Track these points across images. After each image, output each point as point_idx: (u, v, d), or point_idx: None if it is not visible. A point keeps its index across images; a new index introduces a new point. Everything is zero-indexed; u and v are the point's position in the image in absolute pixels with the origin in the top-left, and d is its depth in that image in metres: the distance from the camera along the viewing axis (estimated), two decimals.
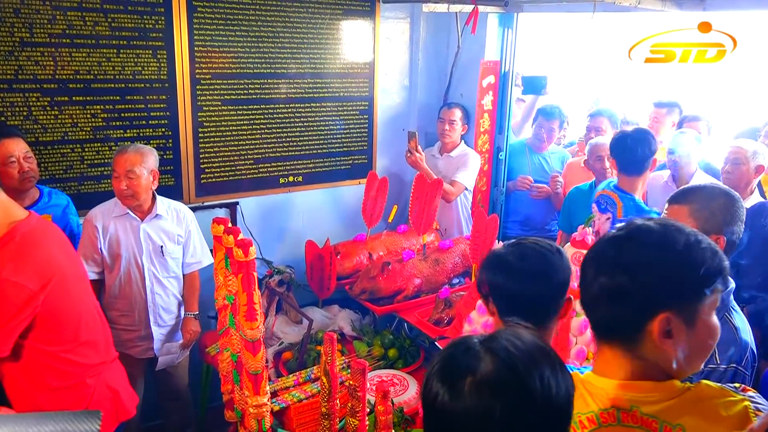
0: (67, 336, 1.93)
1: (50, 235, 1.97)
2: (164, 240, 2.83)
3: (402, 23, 4.03)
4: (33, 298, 1.79)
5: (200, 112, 3.37)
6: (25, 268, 1.80)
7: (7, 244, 1.83)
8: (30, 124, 2.90)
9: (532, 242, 1.69)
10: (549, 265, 1.60)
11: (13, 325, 1.78)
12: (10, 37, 2.80)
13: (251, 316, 2.22)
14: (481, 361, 0.95)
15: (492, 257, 1.72)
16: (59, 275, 1.88)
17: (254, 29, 3.44)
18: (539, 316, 1.60)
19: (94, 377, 2.03)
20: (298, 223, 3.86)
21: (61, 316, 1.90)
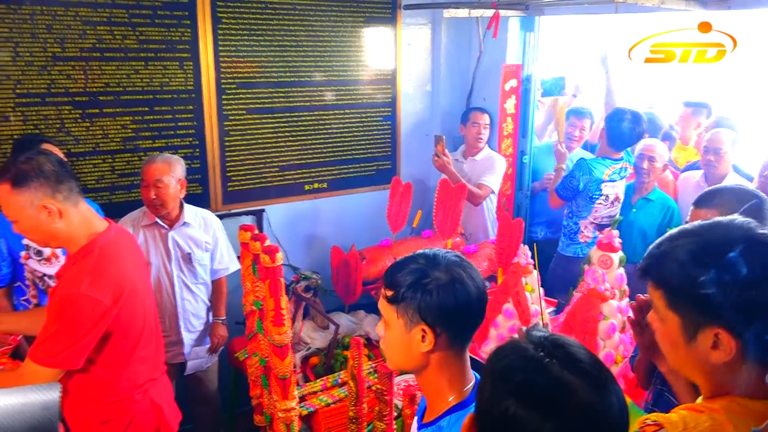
0: (125, 351, 1.94)
1: (126, 248, 1.99)
2: (192, 247, 2.88)
3: (423, 29, 4.05)
4: (107, 313, 1.81)
5: (226, 121, 3.43)
6: (101, 282, 1.81)
7: (85, 257, 1.85)
8: (63, 135, 2.98)
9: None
10: None
11: (87, 340, 1.80)
12: (43, 52, 2.88)
13: (279, 321, 2.26)
14: (570, 380, 0.94)
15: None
16: (130, 290, 1.89)
17: (278, 38, 3.49)
18: None
19: (141, 393, 2.03)
20: (324, 229, 3.89)
21: (124, 331, 1.91)
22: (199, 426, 3.14)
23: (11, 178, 1.77)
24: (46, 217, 1.80)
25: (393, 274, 1.32)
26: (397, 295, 1.29)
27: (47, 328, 1.80)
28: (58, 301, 1.83)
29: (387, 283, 1.33)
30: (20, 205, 1.78)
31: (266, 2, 3.41)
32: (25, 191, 1.77)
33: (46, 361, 1.78)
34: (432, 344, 1.27)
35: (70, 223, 1.85)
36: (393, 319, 1.31)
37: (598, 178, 3.45)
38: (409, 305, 1.27)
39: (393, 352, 1.36)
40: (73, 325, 1.78)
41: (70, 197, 1.85)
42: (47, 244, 1.95)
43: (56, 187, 1.81)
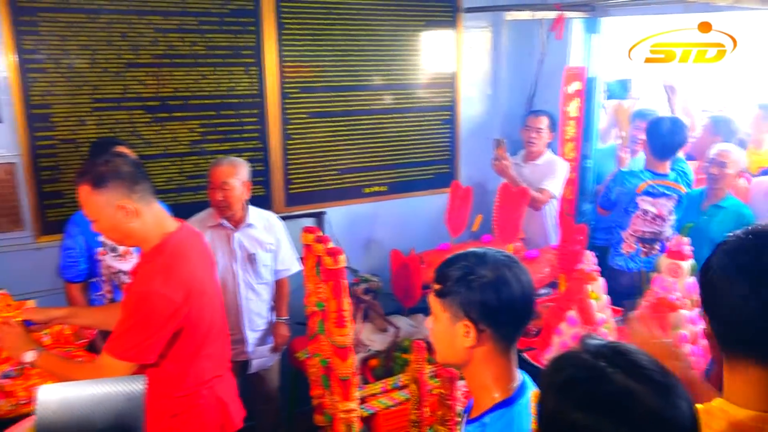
0: (193, 348, 2.00)
1: (195, 247, 2.06)
2: (256, 248, 2.94)
3: (484, 32, 4.03)
4: (178, 310, 1.87)
5: (288, 125, 3.49)
6: (173, 281, 1.87)
7: (158, 256, 1.91)
8: (135, 139, 3.10)
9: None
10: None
11: (160, 336, 1.87)
12: (118, 59, 3.01)
13: (341, 322, 2.28)
14: (639, 390, 0.92)
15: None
16: (199, 288, 1.95)
17: (339, 43, 3.54)
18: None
19: (208, 389, 2.09)
20: (383, 232, 3.91)
21: (193, 328, 1.96)
22: (260, 423, 3.20)
23: (92, 180, 1.85)
24: (123, 216, 1.87)
25: (443, 268, 1.35)
26: (444, 289, 1.33)
27: (122, 323, 1.88)
28: (132, 298, 1.90)
29: (436, 276, 1.36)
30: (99, 205, 1.86)
31: (329, 8, 3.46)
32: (104, 192, 1.84)
33: (121, 355, 1.85)
34: (474, 340, 1.30)
35: (144, 223, 1.92)
36: (439, 312, 1.35)
37: (631, 190, 3.39)
38: (454, 300, 1.30)
39: (439, 345, 1.39)
40: (147, 321, 1.85)
41: (145, 197, 1.92)
42: (123, 242, 2.03)
43: (132, 187, 1.88)
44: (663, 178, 3.36)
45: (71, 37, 2.90)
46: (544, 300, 3.13)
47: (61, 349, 2.41)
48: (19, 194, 2.94)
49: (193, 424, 2.07)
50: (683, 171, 3.45)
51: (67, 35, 2.89)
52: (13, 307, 2.59)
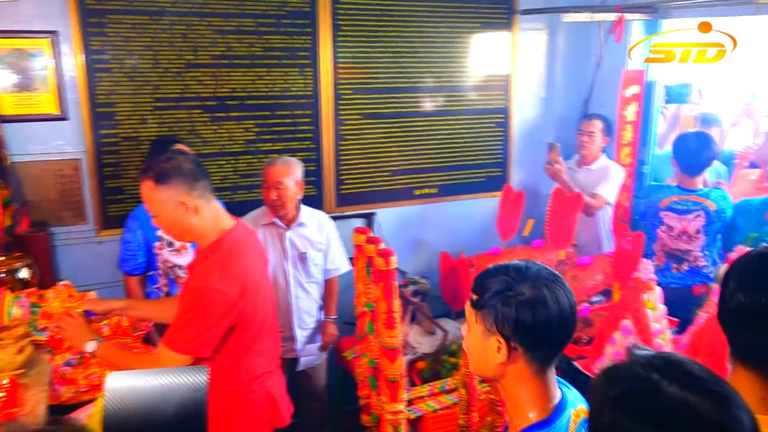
0: (245, 343, 2.04)
1: (250, 244, 2.10)
2: (307, 247, 2.97)
3: (540, 34, 3.98)
4: (233, 306, 1.91)
5: (341, 126, 3.52)
6: (229, 277, 1.91)
7: (215, 252, 1.96)
8: (192, 138, 3.18)
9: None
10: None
11: (216, 331, 1.92)
12: (178, 59, 3.09)
13: (390, 324, 2.29)
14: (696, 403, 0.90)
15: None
16: (254, 285, 1.99)
17: (393, 45, 3.55)
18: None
19: (258, 384, 2.13)
20: (432, 234, 3.90)
21: (246, 324, 2.00)
22: (306, 421, 3.23)
23: (154, 176, 1.90)
24: (183, 212, 1.92)
25: (482, 279, 1.31)
26: (479, 301, 1.29)
27: (180, 317, 1.93)
28: (190, 292, 1.95)
29: (474, 286, 1.33)
30: (161, 200, 1.91)
31: (384, 10, 3.48)
32: (166, 188, 1.89)
33: (178, 348, 1.90)
34: (506, 357, 1.26)
35: (203, 219, 1.97)
36: (473, 323, 1.32)
37: (655, 204, 3.33)
38: (488, 314, 1.26)
39: (472, 356, 1.36)
40: (203, 315, 1.89)
41: (204, 195, 1.97)
42: (182, 238, 2.08)
43: (193, 185, 1.93)
44: (690, 194, 3.24)
45: (135, 38, 2.99)
46: (597, 308, 3.06)
47: (119, 340, 2.50)
48: (83, 189, 3.06)
49: (243, 419, 2.11)
50: (721, 193, 3.29)
51: (131, 36, 2.98)
52: (75, 298, 2.69)
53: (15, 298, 2.50)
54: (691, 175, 3.28)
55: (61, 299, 2.65)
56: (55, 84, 2.90)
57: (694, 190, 3.25)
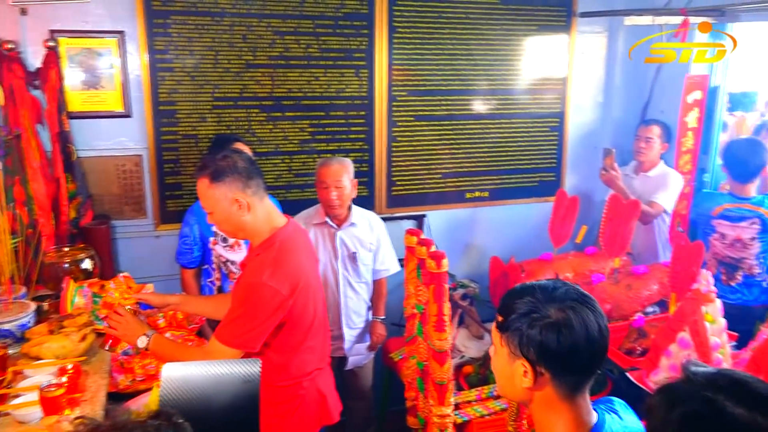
0: (296, 339, 2.07)
1: (301, 243, 2.14)
2: (357, 247, 2.99)
3: (599, 37, 3.90)
4: (284, 303, 1.95)
5: (394, 128, 3.54)
6: (280, 274, 1.95)
7: (267, 249, 1.99)
8: (249, 136, 3.24)
9: None
10: None
11: (266, 326, 1.95)
12: (238, 60, 3.16)
13: (440, 326, 2.28)
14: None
15: None
16: (304, 283, 2.02)
17: (449, 47, 3.54)
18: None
19: (309, 380, 2.16)
20: (483, 238, 3.88)
21: (297, 321, 2.04)
22: (351, 419, 3.26)
23: (210, 174, 1.95)
24: (236, 209, 1.96)
25: (507, 299, 1.26)
26: (504, 323, 1.24)
27: (232, 312, 1.97)
28: (242, 288, 1.99)
29: (500, 307, 1.28)
30: (216, 197, 1.95)
31: (441, 12, 3.47)
32: (221, 185, 1.94)
33: (229, 342, 1.94)
34: (532, 382, 1.20)
35: (256, 217, 2.01)
36: (498, 346, 1.27)
37: (706, 212, 3.26)
38: (513, 336, 1.21)
39: (498, 378, 1.31)
40: (255, 311, 1.93)
41: (258, 193, 2.01)
42: (235, 234, 2.11)
43: (247, 182, 1.97)
44: (743, 202, 3.18)
45: (197, 39, 3.08)
46: (652, 319, 2.98)
47: (174, 333, 2.57)
48: (143, 184, 3.16)
49: (294, 414, 2.14)
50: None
51: (193, 37, 3.07)
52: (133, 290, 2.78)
53: (78, 287, 2.61)
54: (742, 182, 3.21)
55: (121, 290, 2.74)
56: (120, 82, 3.01)
57: (747, 198, 3.19)
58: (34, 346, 2.21)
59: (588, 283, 3.14)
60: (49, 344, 2.21)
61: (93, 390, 2.06)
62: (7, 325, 2.28)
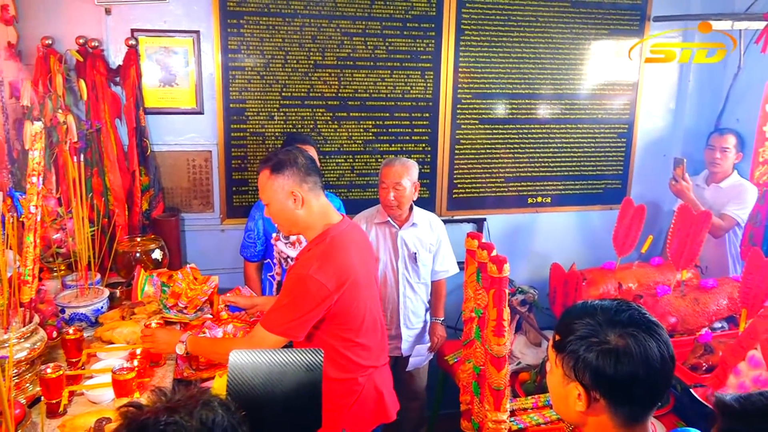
0: (348, 334, 2.11)
1: (354, 240, 2.17)
2: (418, 247, 3.00)
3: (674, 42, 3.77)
4: (328, 297, 1.99)
5: (458, 130, 3.53)
6: (328, 268, 1.99)
7: (318, 244, 2.04)
8: (314, 135, 3.30)
9: None
10: None
11: (308, 317, 2.00)
12: (307, 60, 3.23)
13: (499, 331, 2.26)
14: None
15: None
16: (353, 280, 2.05)
17: (516, 50, 3.50)
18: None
19: (365, 377, 2.19)
20: (543, 244, 3.82)
21: (347, 315, 2.08)
22: (405, 419, 3.27)
23: (271, 165, 2.03)
24: (292, 203, 2.03)
25: (567, 319, 1.22)
26: (561, 343, 1.20)
27: (279, 301, 2.03)
28: (290, 279, 2.04)
29: (558, 325, 1.24)
30: (274, 189, 2.03)
31: (509, 15, 3.45)
32: (280, 177, 2.01)
33: (273, 329, 1.99)
34: (586, 406, 1.16)
35: (310, 212, 2.06)
36: (553, 365, 1.23)
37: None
38: (568, 358, 1.17)
39: (553, 397, 1.28)
40: (300, 302, 1.98)
41: (314, 189, 2.07)
42: (289, 229, 2.15)
43: (304, 178, 2.04)
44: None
45: (268, 39, 3.15)
46: (720, 335, 2.88)
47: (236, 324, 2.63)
48: (212, 179, 3.26)
49: (350, 409, 2.16)
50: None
51: (265, 37, 3.15)
52: (199, 281, 2.88)
53: (148, 276, 2.72)
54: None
55: (188, 281, 2.85)
56: (194, 80, 3.12)
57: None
58: (107, 330, 2.33)
59: (653, 294, 3.05)
60: (120, 329, 2.32)
61: (160, 375, 2.15)
62: (83, 310, 2.40)
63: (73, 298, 2.46)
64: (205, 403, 0.94)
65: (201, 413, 0.92)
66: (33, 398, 1.88)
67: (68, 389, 1.88)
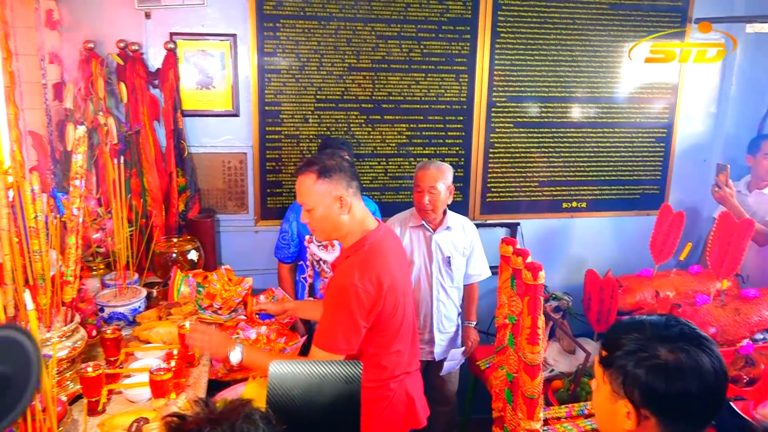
0: (384, 341, 2.09)
1: (391, 246, 2.17)
2: (452, 251, 2.98)
3: None
4: (376, 303, 1.98)
5: (492, 134, 3.50)
6: (370, 275, 1.97)
7: (358, 251, 2.02)
8: (348, 138, 3.31)
9: None
10: None
11: (360, 326, 1.97)
12: (342, 63, 3.23)
13: (534, 339, 2.23)
14: None
15: None
16: (391, 286, 2.04)
17: (553, 53, 3.46)
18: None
19: (397, 382, 2.17)
20: (578, 250, 3.77)
21: (387, 322, 2.06)
22: (435, 424, 3.25)
23: (318, 170, 2.00)
24: (338, 208, 2.01)
25: (614, 333, 1.19)
26: (609, 359, 1.16)
27: (327, 317, 1.99)
28: (333, 292, 2.00)
29: (605, 340, 1.21)
30: (320, 193, 2.00)
31: (546, 17, 3.40)
32: (327, 182, 1.99)
33: (330, 348, 1.95)
34: (635, 425, 1.13)
35: (353, 218, 2.05)
36: (601, 382, 1.20)
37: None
38: (617, 374, 1.14)
39: (599, 416, 1.24)
40: (348, 312, 1.95)
41: (357, 194, 2.06)
42: (329, 235, 2.12)
43: (350, 183, 2.02)
44: None
45: (304, 42, 3.17)
46: (762, 347, 2.80)
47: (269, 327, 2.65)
48: (246, 181, 3.29)
49: (382, 414, 2.16)
50: None
51: (300, 40, 3.17)
52: (234, 282, 2.91)
53: (184, 277, 2.76)
54: None
55: (222, 282, 2.88)
56: (230, 83, 3.15)
57: None
58: (144, 330, 2.37)
59: (691, 304, 2.99)
60: (157, 329, 2.36)
61: (195, 376, 2.18)
62: (122, 309, 2.44)
63: (112, 297, 2.51)
64: (246, 416, 0.95)
65: (243, 426, 0.92)
66: (73, 396, 1.92)
67: (107, 388, 1.92)
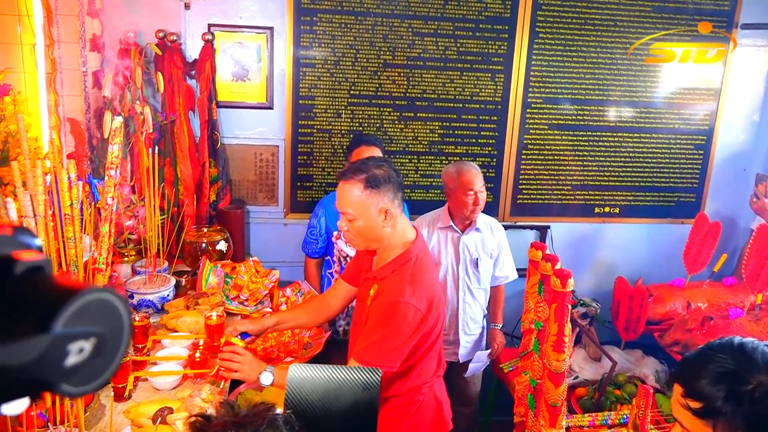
0: (422, 351, 2.03)
1: (430, 256, 2.12)
2: (480, 253, 2.96)
3: (762, 51, 3.58)
4: (424, 320, 1.92)
5: (526, 135, 3.46)
6: (419, 292, 1.89)
7: (404, 266, 1.93)
8: (380, 134, 3.30)
9: None
10: None
11: (407, 345, 1.91)
12: (377, 59, 3.22)
13: (559, 347, 2.21)
14: None
15: None
16: (437, 298, 1.99)
17: (591, 55, 3.40)
18: None
19: (427, 388, 2.13)
20: (608, 256, 3.70)
21: (428, 335, 1.99)
22: (456, 424, 3.24)
23: (366, 179, 1.87)
24: (382, 220, 1.91)
25: (693, 379, 1.11)
26: (708, 409, 1.08)
27: (372, 332, 1.91)
28: (382, 308, 1.92)
29: (687, 390, 1.12)
30: (366, 204, 1.88)
31: (586, 18, 3.34)
32: (375, 193, 1.88)
33: (371, 362, 1.85)
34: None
35: (395, 230, 1.96)
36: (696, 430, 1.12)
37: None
38: (733, 420, 1.07)
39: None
40: (397, 331, 1.88)
41: (401, 206, 1.97)
42: (368, 245, 2.02)
43: (396, 194, 1.93)
44: None
45: (340, 37, 3.17)
46: None
47: None
48: (277, 174, 3.31)
49: (410, 419, 2.13)
50: None
51: (336, 35, 3.16)
52: (261, 275, 2.93)
53: (212, 267, 2.79)
54: None
55: (250, 274, 2.91)
56: (266, 76, 3.17)
57: None
58: (172, 318, 2.40)
59: (724, 317, 2.92)
60: (184, 318, 2.39)
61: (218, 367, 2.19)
62: (151, 296, 2.48)
63: (142, 284, 2.55)
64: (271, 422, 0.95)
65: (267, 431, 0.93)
66: None
67: (133, 375, 1.95)
